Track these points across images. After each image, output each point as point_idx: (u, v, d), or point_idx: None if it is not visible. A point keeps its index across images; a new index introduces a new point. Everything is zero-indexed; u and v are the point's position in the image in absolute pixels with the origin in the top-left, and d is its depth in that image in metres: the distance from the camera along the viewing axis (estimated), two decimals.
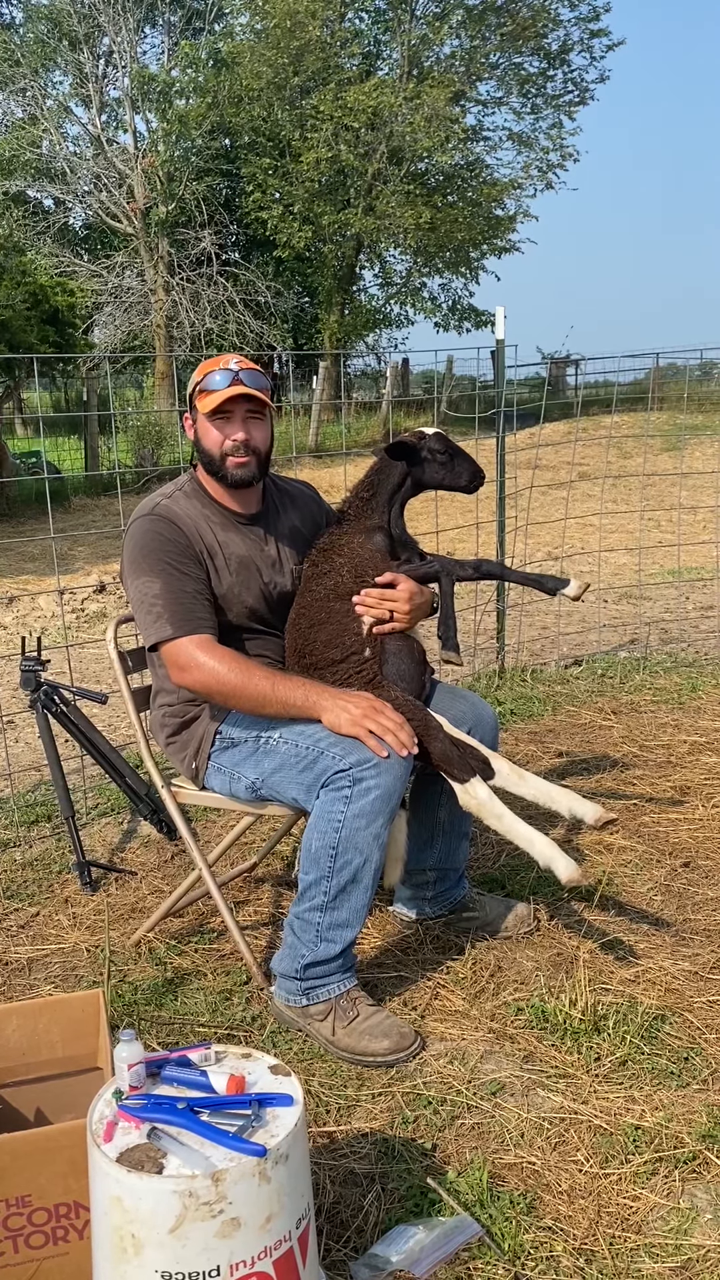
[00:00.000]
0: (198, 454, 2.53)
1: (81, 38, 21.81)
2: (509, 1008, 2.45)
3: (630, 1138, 2.03)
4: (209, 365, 2.49)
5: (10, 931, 2.93)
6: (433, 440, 2.60)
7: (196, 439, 2.52)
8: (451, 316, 25.25)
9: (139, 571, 2.41)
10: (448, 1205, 1.86)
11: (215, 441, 2.47)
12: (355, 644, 2.46)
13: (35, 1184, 1.63)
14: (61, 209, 23.45)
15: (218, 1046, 1.63)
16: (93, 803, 3.80)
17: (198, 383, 2.49)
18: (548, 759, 3.99)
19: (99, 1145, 1.43)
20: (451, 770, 2.35)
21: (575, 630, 6.01)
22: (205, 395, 2.45)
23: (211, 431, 2.47)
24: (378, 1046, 2.28)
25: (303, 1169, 1.48)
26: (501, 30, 21.56)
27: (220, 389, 2.43)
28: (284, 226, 21.47)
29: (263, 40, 21.16)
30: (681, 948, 2.69)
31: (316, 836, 2.26)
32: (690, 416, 14.18)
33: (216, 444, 2.47)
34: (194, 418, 2.51)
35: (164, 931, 2.87)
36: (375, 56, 23.01)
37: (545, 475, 8.99)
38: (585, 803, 2.36)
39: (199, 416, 2.49)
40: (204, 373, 2.48)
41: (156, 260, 21.68)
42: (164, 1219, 1.36)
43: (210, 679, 2.32)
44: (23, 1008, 2.00)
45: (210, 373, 2.46)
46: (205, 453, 2.50)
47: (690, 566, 7.36)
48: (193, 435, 2.54)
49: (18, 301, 11.50)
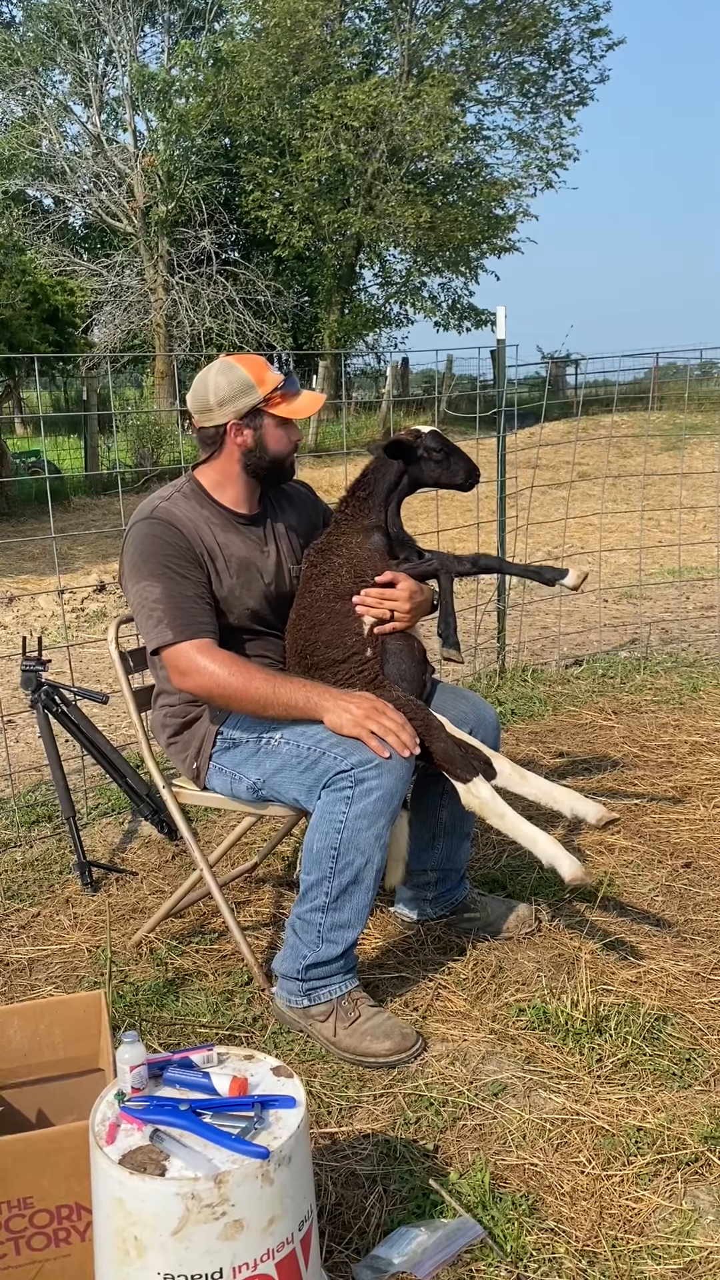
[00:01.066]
0: (255, 459, 2.48)
1: (81, 37, 21.80)
2: (510, 1009, 2.45)
3: (632, 1139, 2.02)
4: (258, 368, 2.44)
5: (11, 932, 2.92)
6: (428, 438, 2.60)
7: (259, 443, 2.47)
8: (451, 316, 25.27)
9: (139, 575, 2.39)
10: (450, 1207, 1.85)
11: (285, 445, 2.49)
12: (356, 644, 2.46)
13: (37, 1186, 1.62)
14: (61, 208, 23.44)
15: (220, 1048, 1.62)
16: (93, 803, 3.80)
17: (274, 388, 2.42)
18: (548, 759, 3.98)
19: (101, 1147, 1.43)
20: (454, 770, 2.35)
21: (576, 630, 6.01)
22: (287, 399, 2.44)
23: (283, 435, 2.48)
24: (379, 1047, 2.28)
25: (305, 1171, 1.48)
26: (501, 30, 21.57)
27: (297, 393, 2.44)
28: (284, 226, 21.47)
29: (262, 39, 21.17)
30: (683, 949, 2.69)
31: (318, 837, 2.26)
32: (690, 416, 14.18)
33: (285, 447, 2.49)
34: (256, 423, 2.45)
35: (165, 932, 2.87)
36: (375, 56, 23.02)
37: (545, 475, 8.98)
38: (587, 802, 2.36)
39: (266, 420, 2.45)
40: (261, 375, 2.42)
41: (156, 259, 21.67)
42: (167, 1221, 1.35)
43: (211, 683, 2.31)
44: (24, 1009, 2.00)
45: (267, 374, 2.43)
46: (271, 456, 2.48)
47: (690, 566, 7.36)
48: (246, 441, 2.47)
49: (17, 301, 11.50)
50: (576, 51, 22.88)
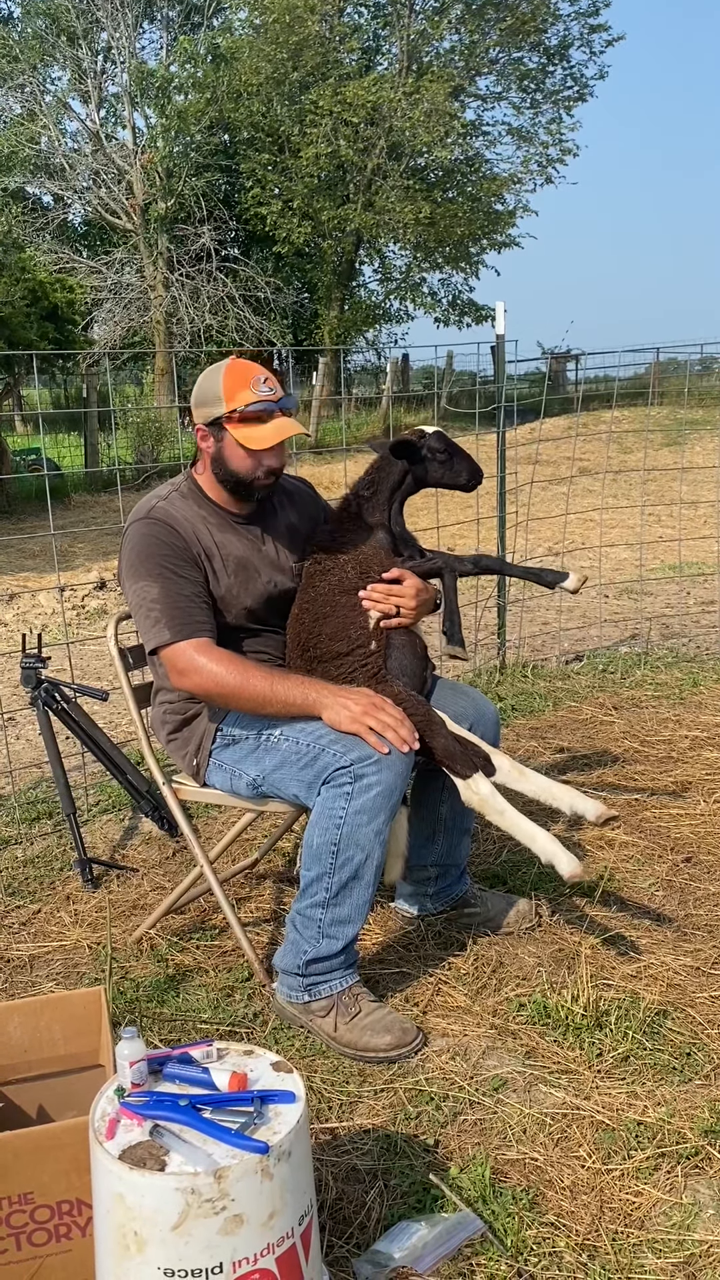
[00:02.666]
0: (218, 469, 2.43)
1: (80, 33, 21.75)
2: (511, 1003, 2.45)
3: (632, 1133, 2.03)
4: (237, 382, 2.34)
5: (12, 929, 2.93)
6: (432, 439, 2.60)
7: (220, 455, 2.41)
8: (451, 312, 25.21)
9: (137, 576, 2.39)
10: (450, 1201, 1.86)
11: (248, 467, 2.39)
12: (361, 638, 2.46)
13: (38, 1181, 1.63)
14: (60, 205, 23.42)
15: (219, 1043, 1.63)
16: (94, 800, 3.80)
17: (236, 407, 2.33)
18: (548, 755, 3.98)
19: (101, 1142, 1.43)
20: (454, 766, 2.35)
21: (576, 626, 6.01)
22: (249, 425, 2.34)
23: (245, 457, 2.38)
24: (380, 1042, 2.28)
25: (305, 1166, 1.48)
26: (501, 25, 21.50)
27: (268, 422, 2.33)
28: (283, 222, 21.44)
29: (261, 35, 21.10)
30: (683, 943, 2.69)
31: (318, 833, 2.26)
32: (690, 411, 14.16)
33: (249, 469, 2.40)
34: (218, 435, 2.40)
35: (165, 928, 2.87)
36: (374, 51, 22.97)
37: (545, 470, 8.99)
38: (586, 799, 2.36)
39: (229, 437, 2.37)
40: (235, 390, 2.33)
41: (156, 256, 21.65)
42: (167, 1216, 1.36)
43: (209, 682, 2.31)
44: (25, 1005, 2.00)
45: (240, 392, 2.32)
46: (231, 473, 2.41)
47: (691, 561, 7.35)
48: (210, 449, 2.42)
49: (17, 298, 11.48)
50: (576, 47, 22.83)
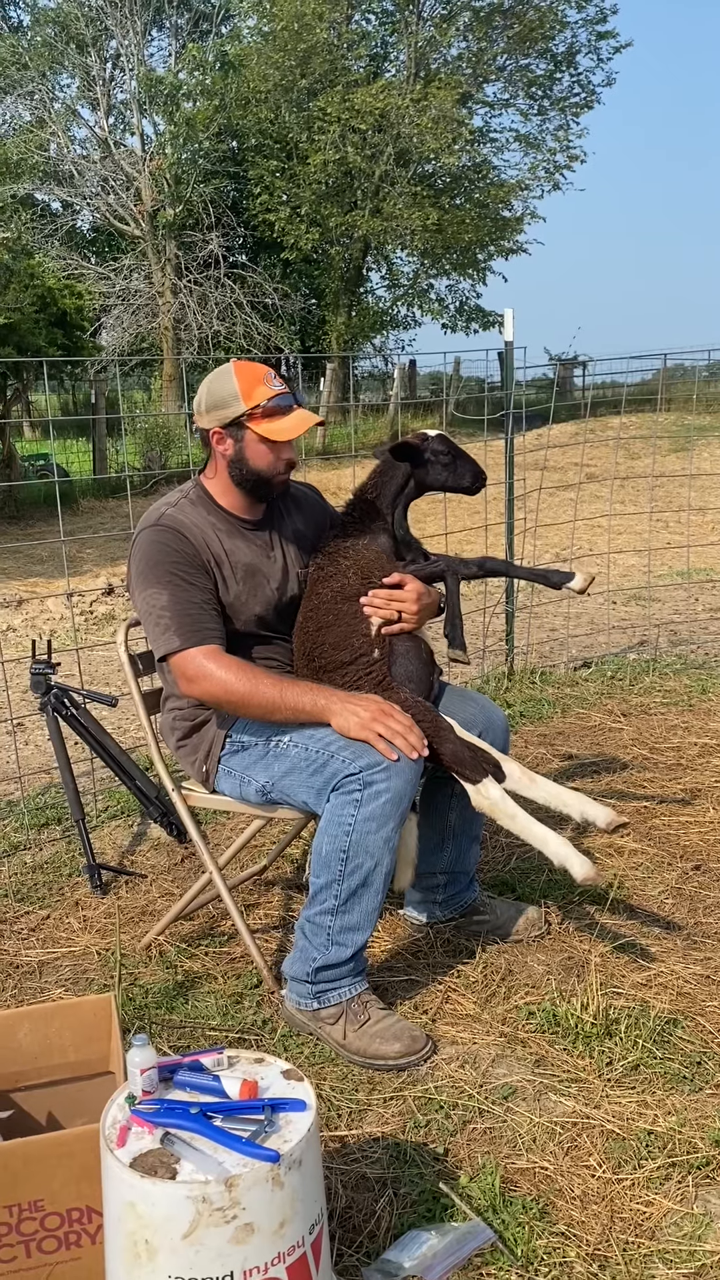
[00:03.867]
0: (238, 470, 2.44)
1: (89, 41, 21.84)
2: (520, 1011, 2.45)
3: (643, 1143, 2.02)
4: (250, 381, 2.38)
5: (21, 934, 2.93)
6: (435, 442, 2.60)
7: (239, 456, 2.43)
8: (459, 318, 25.21)
9: (146, 583, 2.39)
10: (460, 1210, 1.85)
11: (270, 462, 2.42)
12: (363, 646, 2.46)
13: (48, 1189, 1.63)
14: (69, 212, 23.47)
15: (230, 1051, 1.63)
16: (102, 805, 3.80)
17: (257, 403, 2.36)
18: (557, 761, 3.98)
19: (112, 1150, 1.43)
20: (464, 771, 2.35)
21: (584, 632, 6.00)
22: (272, 418, 2.38)
23: (267, 453, 2.41)
24: (389, 1050, 2.28)
25: (316, 1174, 1.48)
26: (508, 32, 21.51)
27: (287, 413, 2.37)
28: (291, 228, 21.47)
29: (269, 43, 21.15)
30: (693, 951, 2.68)
31: (327, 840, 2.26)
32: (698, 417, 14.15)
33: (270, 464, 2.43)
34: (237, 435, 2.42)
35: (174, 935, 2.87)
36: (382, 59, 23.00)
37: (553, 476, 8.96)
38: (597, 806, 2.35)
39: (248, 435, 2.40)
40: (251, 388, 2.37)
41: (164, 263, 21.70)
42: (178, 1225, 1.35)
43: (218, 689, 2.31)
44: (35, 1012, 2.01)
45: (257, 388, 2.36)
46: (253, 472, 2.43)
47: (699, 568, 7.34)
48: (229, 450, 2.44)
49: (26, 304, 11.51)
50: (583, 54, 22.84)
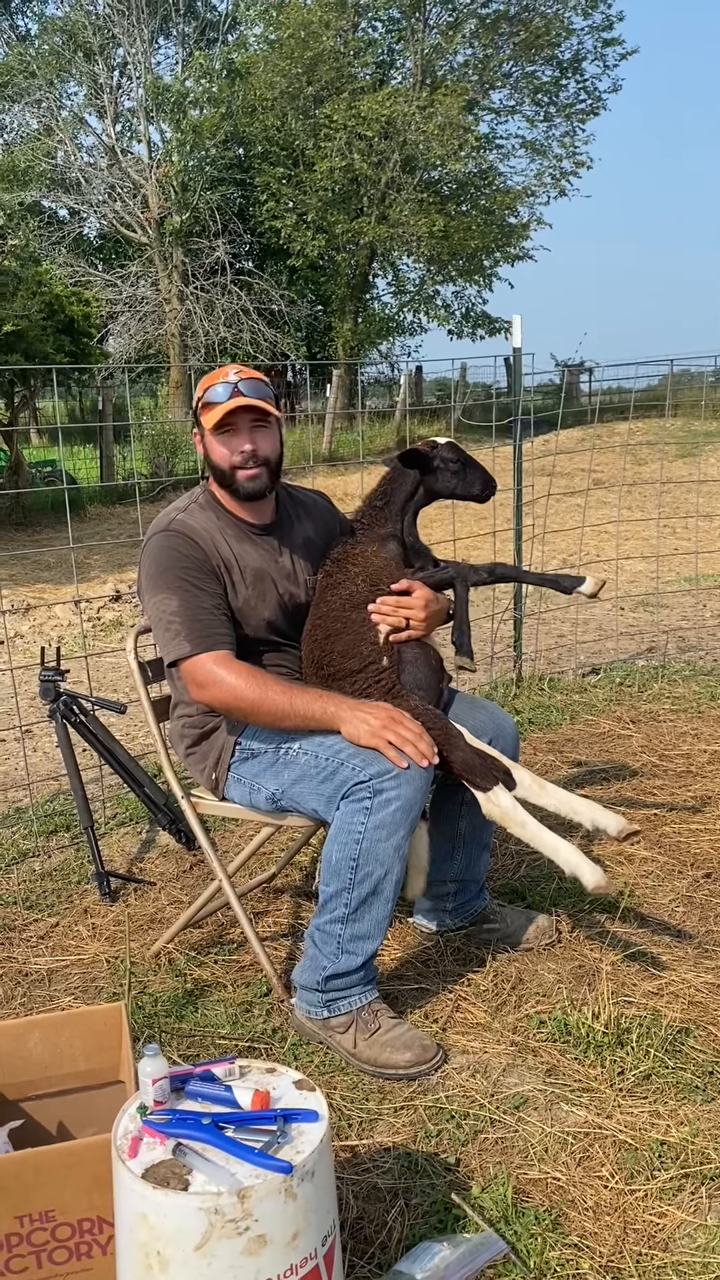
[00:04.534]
0: (211, 469, 2.52)
1: (96, 49, 21.92)
2: (531, 1020, 2.44)
3: (656, 1153, 2.01)
4: (210, 379, 2.48)
5: (30, 942, 2.93)
6: (445, 449, 2.60)
7: (206, 454, 2.51)
8: (465, 324, 25.23)
9: (156, 589, 2.40)
10: (472, 1221, 1.84)
11: (223, 456, 2.46)
12: (372, 653, 2.45)
13: (59, 1199, 1.62)
14: (76, 219, 23.54)
15: (242, 1061, 1.62)
16: (111, 812, 3.80)
17: (200, 398, 2.48)
18: (566, 768, 3.97)
19: (124, 1161, 1.42)
20: (474, 779, 2.34)
21: (593, 639, 5.99)
22: (208, 410, 2.44)
23: (218, 446, 2.46)
24: (399, 1059, 2.27)
25: (328, 1185, 1.47)
26: (514, 39, 21.56)
27: (221, 401, 2.42)
28: (297, 235, 21.52)
29: (276, 50, 21.23)
30: (705, 960, 2.67)
31: (337, 848, 2.25)
32: (705, 423, 14.13)
33: (225, 458, 2.46)
34: (201, 432, 2.50)
35: (184, 942, 2.86)
36: (388, 66, 23.05)
37: (561, 482, 8.96)
38: (608, 814, 2.34)
39: (205, 431, 2.47)
40: (205, 387, 2.47)
41: (171, 270, 21.75)
42: (190, 1236, 1.35)
43: (229, 695, 2.31)
44: (45, 1020, 2.00)
45: (210, 386, 2.45)
46: (215, 467, 2.49)
47: (707, 574, 7.32)
48: (202, 451, 2.53)
49: (34, 311, 11.55)
50: (589, 61, 22.87)
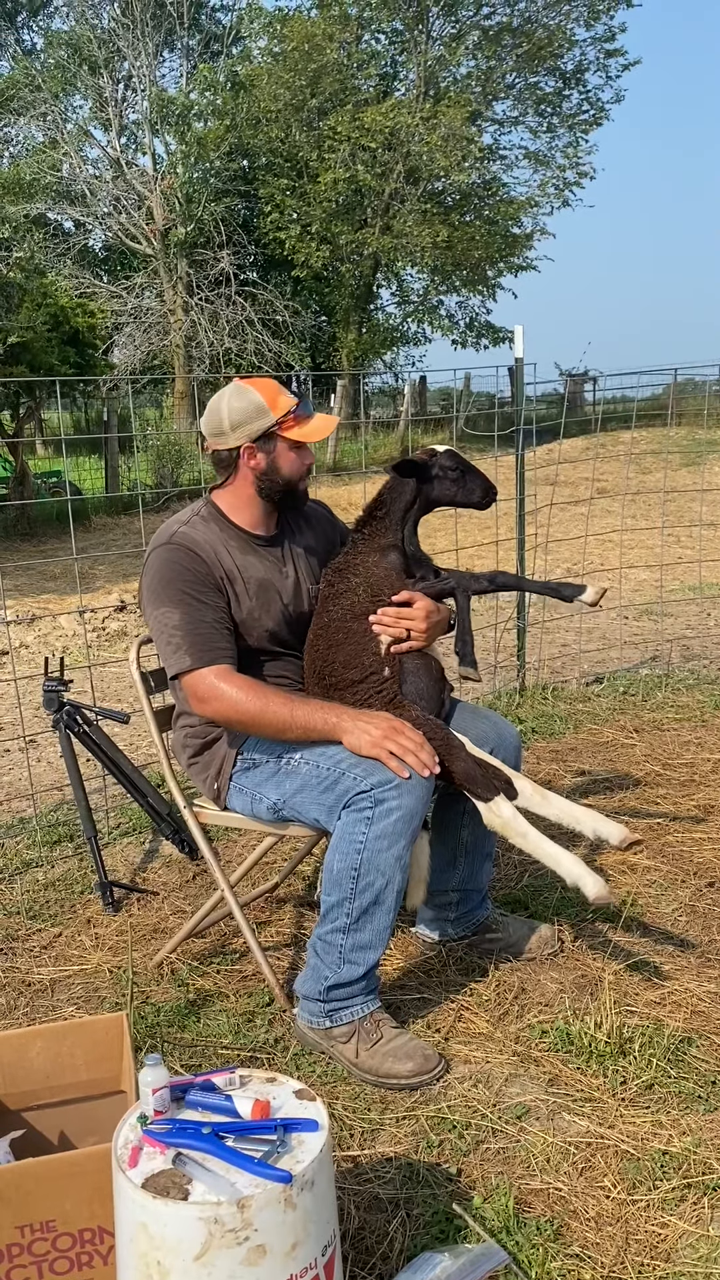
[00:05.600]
0: (268, 482, 2.48)
1: (101, 63, 22.10)
2: (533, 1030, 2.43)
3: (658, 1163, 2.00)
4: (272, 392, 2.44)
5: (33, 952, 2.93)
6: (444, 457, 2.60)
7: (273, 466, 2.47)
8: (469, 334, 25.33)
9: (158, 602, 2.40)
10: (474, 1232, 1.84)
11: (299, 468, 2.49)
12: (374, 664, 2.46)
13: (60, 1209, 1.62)
14: (81, 231, 23.69)
15: (242, 1070, 1.62)
16: (115, 822, 3.80)
17: (290, 408, 2.43)
18: (569, 778, 3.97)
19: (124, 1171, 1.43)
20: (475, 789, 2.34)
21: (596, 647, 5.99)
22: (300, 423, 2.44)
23: (295, 459, 2.48)
24: (401, 1069, 2.26)
25: (328, 1195, 1.47)
26: (517, 51, 21.68)
27: (310, 416, 2.44)
28: (302, 246, 21.62)
29: (280, 63, 21.37)
30: (707, 969, 2.67)
31: (338, 858, 2.25)
32: (709, 432, 14.15)
33: (299, 470, 2.49)
34: (268, 446, 2.45)
35: (186, 952, 2.86)
36: (392, 77, 23.19)
37: (564, 492, 8.98)
38: (610, 823, 2.34)
39: (279, 445, 2.45)
40: (274, 399, 2.42)
41: (175, 281, 21.86)
42: (190, 1246, 1.35)
43: (230, 708, 2.32)
44: (47, 1030, 2.00)
45: (281, 398, 2.43)
46: (284, 480, 2.48)
47: (711, 582, 7.33)
48: (261, 464, 2.47)
49: (39, 323, 11.62)
50: (592, 72, 23.00)
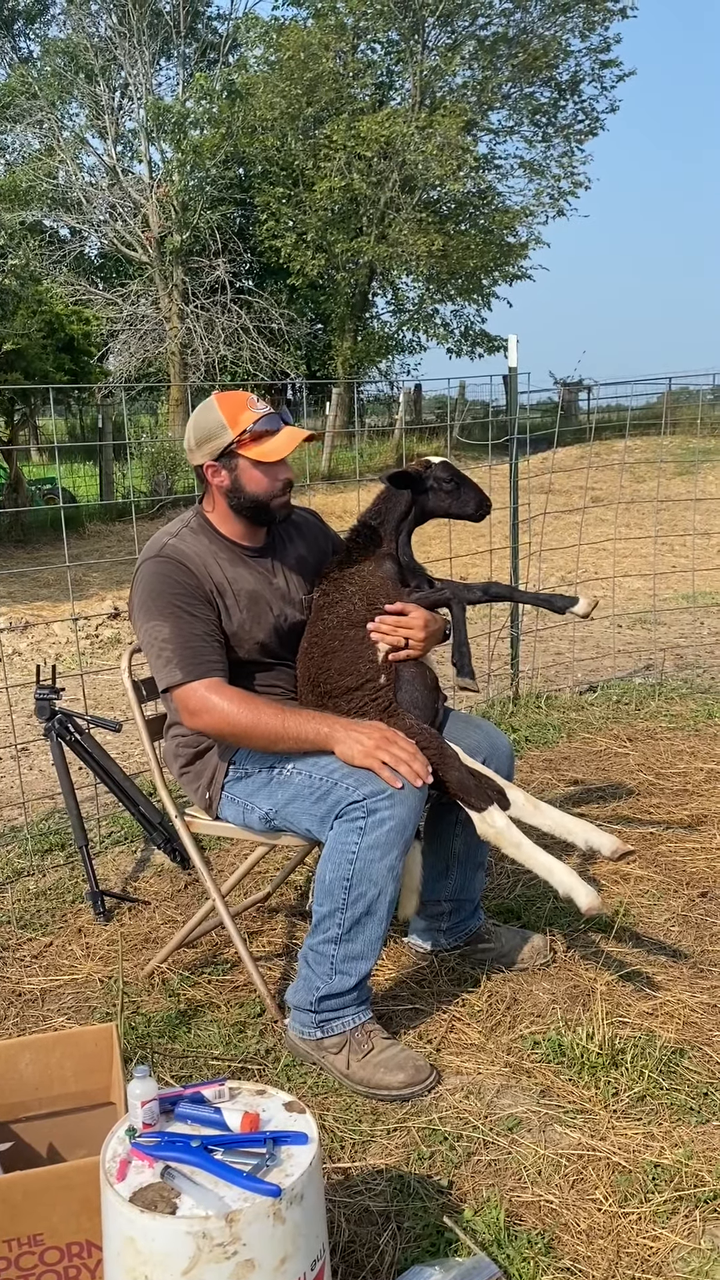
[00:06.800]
0: (235, 499, 2.44)
1: (98, 71, 22.12)
2: (525, 1041, 2.43)
3: (650, 1175, 1.99)
4: (235, 407, 2.39)
5: (24, 962, 2.92)
6: (439, 469, 2.60)
7: (235, 485, 2.43)
8: (464, 342, 25.36)
9: (148, 615, 2.39)
10: (464, 1245, 1.83)
11: (266, 486, 2.42)
12: (370, 671, 2.45)
13: (48, 1222, 1.61)
14: (77, 238, 23.71)
15: (232, 1083, 1.61)
16: (106, 831, 3.79)
17: (247, 425, 2.36)
18: (562, 786, 3.96)
19: (112, 1184, 1.42)
20: (468, 799, 2.34)
21: (590, 656, 5.99)
22: (262, 439, 2.37)
23: (261, 477, 2.41)
24: (393, 1080, 2.26)
25: (318, 1209, 1.46)
26: (513, 61, 21.74)
27: (275, 433, 2.37)
28: (297, 254, 21.65)
29: (276, 72, 21.41)
30: (700, 980, 2.66)
31: (330, 868, 2.25)
32: (703, 440, 14.18)
33: (267, 488, 2.42)
34: (230, 464, 2.41)
35: (177, 962, 2.85)
36: (388, 87, 23.25)
37: (558, 500, 8.99)
38: (602, 834, 2.34)
39: (241, 462, 2.40)
40: (236, 415, 2.37)
41: (171, 288, 21.88)
42: (177, 1260, 1.34)
43: (221, 721, 2.31)
44: (36, 1041, 1.99)
45: (244, 415, 2.37)
46: (251, 498, 2.43)
47: (704, 591, 7.34)
48: (225, 482, 2.43)
49: (34, 330, 11.61)
50: (587, 82, 23.06)
